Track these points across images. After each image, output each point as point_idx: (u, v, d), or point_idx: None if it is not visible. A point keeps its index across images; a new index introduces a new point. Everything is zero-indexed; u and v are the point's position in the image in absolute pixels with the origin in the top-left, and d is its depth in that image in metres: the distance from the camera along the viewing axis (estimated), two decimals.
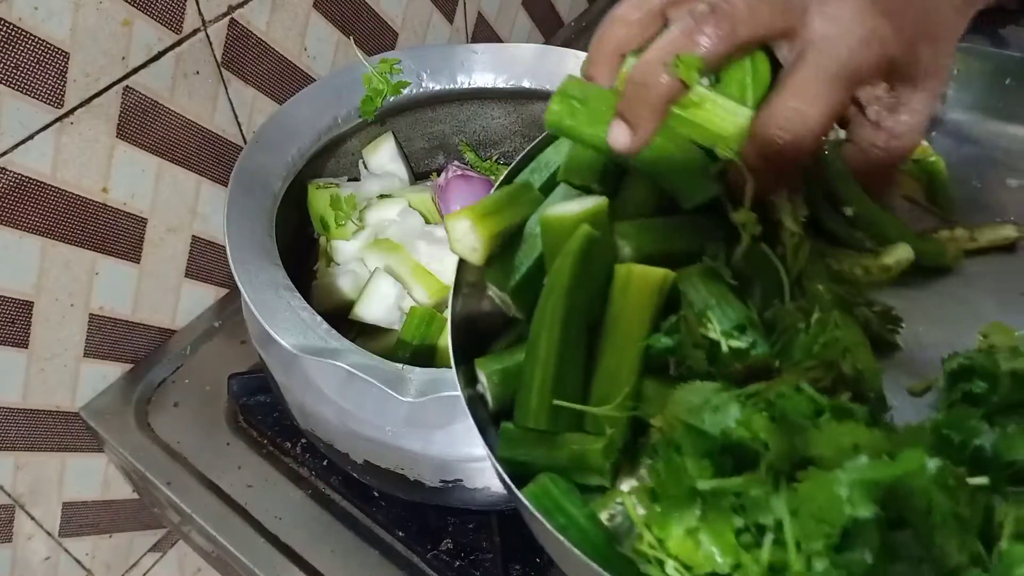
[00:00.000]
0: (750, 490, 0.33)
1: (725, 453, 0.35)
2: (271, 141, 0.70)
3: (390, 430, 0.60)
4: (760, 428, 0.34)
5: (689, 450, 0.35)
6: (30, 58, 0.61)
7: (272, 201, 0.67)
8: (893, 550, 0.32)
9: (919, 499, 0.32)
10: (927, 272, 0.53)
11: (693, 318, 0.42)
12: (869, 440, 0.33)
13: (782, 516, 0.32)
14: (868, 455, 0.32)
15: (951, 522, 0.32)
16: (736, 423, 0.35)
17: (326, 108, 0.74)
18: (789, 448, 0.34)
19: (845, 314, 0.44)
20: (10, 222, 0.65)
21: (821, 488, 0.31)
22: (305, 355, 0.55)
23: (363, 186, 0.78)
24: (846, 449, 0.33)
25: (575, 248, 0.44)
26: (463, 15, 1.04)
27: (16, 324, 0.69)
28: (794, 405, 0.36)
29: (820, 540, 0.31)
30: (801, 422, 0.35)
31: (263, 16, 0.77)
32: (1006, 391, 0.40)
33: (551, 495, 0.40)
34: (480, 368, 0.48)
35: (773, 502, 0.32)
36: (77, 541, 0.84)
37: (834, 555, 0.31)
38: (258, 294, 0.58)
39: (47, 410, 0.75)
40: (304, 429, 0.68)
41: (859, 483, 0.31)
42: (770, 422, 0.34)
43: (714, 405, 0.36)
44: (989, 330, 0.45)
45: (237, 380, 0.77)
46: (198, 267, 0.84)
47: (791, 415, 0.35)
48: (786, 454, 0.34)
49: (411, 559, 0.67)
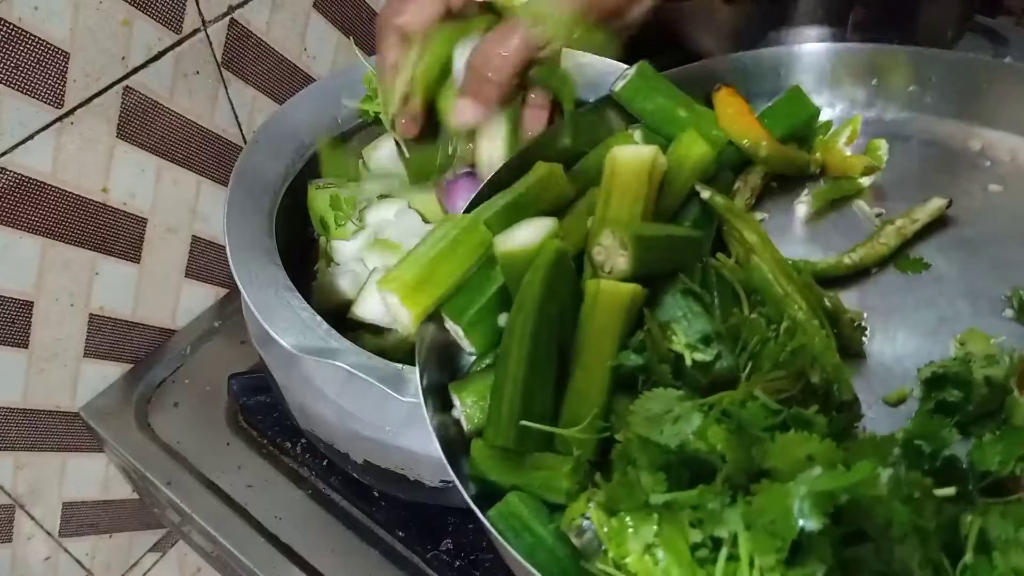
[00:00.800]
0: (706, 503, 0.32)
1: (682, 466, 0.35)
2: (271, 141, 0.70)
3: (390, 430, 0.60)
4: (717, 439, 0.34)
5: (644, 463, 0.35)
6: (30, 58, 0.61)
7: (272, 201, 0.67)
8: (853, 565, 0.32)
9: (878, 512, 0.32)
10: (902, 276, 0.54)
11: (658, 331, 0.42)
12: (823, 451, 0.33)
13: (736, 529, 0.31)
14: (822, 466, 0.31)
15: (912, 536, 0.32)
16: (693, 434, 0.34)
17: (326, 108, 0.74)
18: (746, 460, 0.34)
19: (812, 320, 0.44)
20: (10, 222, 0.65)
21: (774, 500, 0.31)
22: (305, 355, 0.55)
23: (363, 186, 0.78)
24: (800, 461, 0.33)
25: (545, 263, 0.44)
26: None
27: (16, 324, 0.69)
28: (752, 415, 0.35)
29: (772, 554, 0.30)
30: (758, 433, 0.35)
31: (263, 16, 0.77)
32: (981, 399, 0.40)
33: (519, 515, 0.40)
34: (454, 392, 0.47)
35: (728, 515, 0.32)
36: (77, 541, 0.84)
37: (784, 569, 0.31)
38: (258, 294, 0.58)
39: (47, 410, 0.75)
40: (304, 429, 0.68)
41: (811, 495, 0.30)
42: (728, 433, 0.34)
43: (675, 415, 0.35)
44: (966, 337, 0.45)
45: (237, 380, 0.77)
46: (198, 267, 0.84)
47: (748, 426, 0.35)
48: (743, 466, 0.33)
49: (411, 559, 0.67)
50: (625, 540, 0.34)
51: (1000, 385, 0.40)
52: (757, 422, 0.35)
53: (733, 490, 0.33)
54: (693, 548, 0.33)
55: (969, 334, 0.46)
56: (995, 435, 0.37)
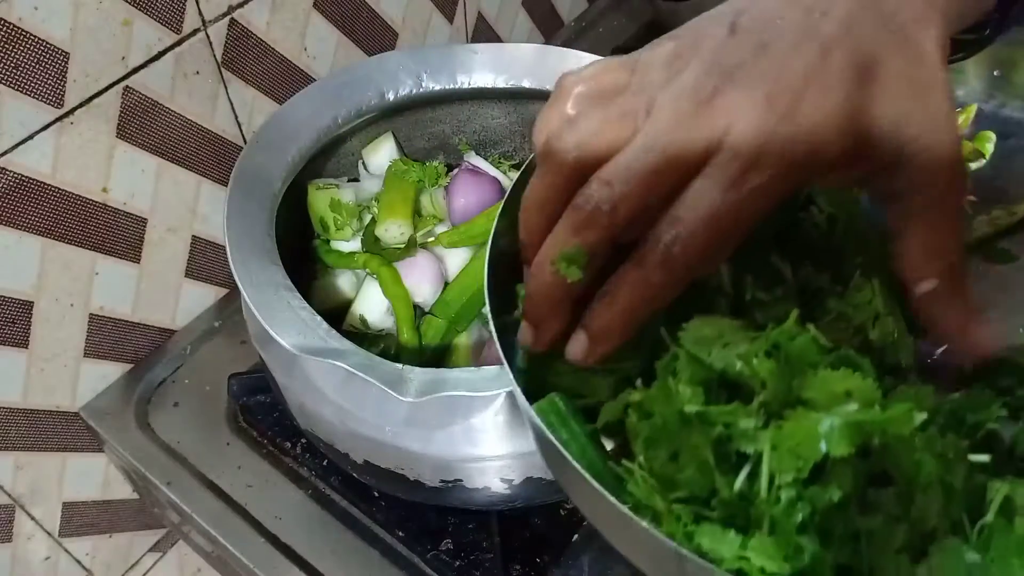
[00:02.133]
0: (738, 421, 0.32)
1: (722, 388, 0.35)
2: (271, 141, 0.70)
3: (390, 430, 0.60)
4: (761, 366, 0.34)
5: (686, 377, 0.35)
6: (30, 58, 0.61)
7: (272, 201, 0.67)
8: (872, 503, 0.32)
9: (907, 458, 0.32)
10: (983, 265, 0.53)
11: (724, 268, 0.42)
12: (863, 389, 0.33)
13: (763, 449, 0.32)
14: (858, 403, 0.32)
15: (936, 487, 0.32)
16: (738, 357, 0.34)
17: (326, 108, 0.74)
18: (786, 390, 0.34)
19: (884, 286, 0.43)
20: (10, 222, 0.65)
21: (803, 426, 0.31)
22: (305, 355, 0.55)
23: (363, 186, 0.78)
24: (838, 395, 0.33)
25: None
26: (463, 15, 1.04)
27: (16, 324, 0.69)
28: (800, 349, 0.35)
29: (792, 472, 0.31)
30: (803, 367, 0.35)
31: (263, 16, 0.77)
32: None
33: (558, 411, 0.39)
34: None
35: (758, 435, 0.32)
36: (77, 541, 0.84)
37: (801, 488, 0.31)
38: (258, 294, 0.58)
39: (47, 410, 0.75)
40: (304, 429, 0.68)
41: (841, 425, 0.31)
42: (772, 362, 0.34)
43: (725, 341, 0.35)
44: None
45: (237, 380, 0.77)
46: (198, 267, 0.84)
47: (795, 359, 0.35)
48: (782, 395, 0.33)
49: (411, 559, 0.67)
50: (654, 444, 0.34)
51: None
52: (805, 356, 0.35)
53: (768, 416, 0.33)
54: (717, 461, 0.33)
55: None
56: None
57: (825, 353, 0.35)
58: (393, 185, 0.76)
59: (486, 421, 0.58)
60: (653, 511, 0.34)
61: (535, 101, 0.80)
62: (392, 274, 0.70)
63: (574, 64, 0.76)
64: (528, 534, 0.69)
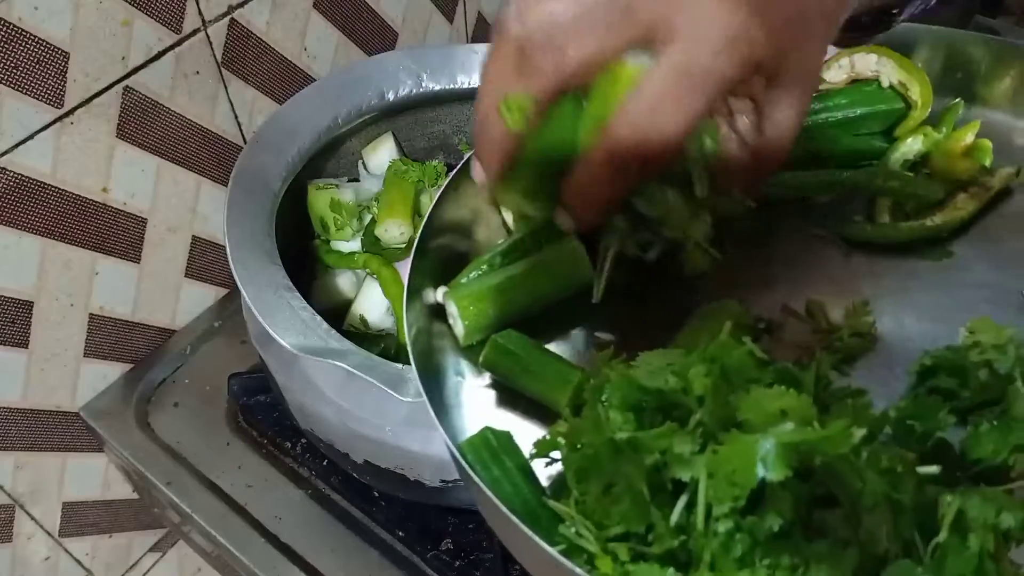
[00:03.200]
0: (673, 445, 0.31)
1: (656, 411, 0.34)
2: (271, 141, 0.70)
3: (390, 430, 0.60)
4: (697, 380, 0.32)
5: (616, 401, 0.34)
6: (30, 58, 0.61)
7: (272, 201, 0.67)
8: (819, 527, 0.31)
9: (850, 478, 0.30)
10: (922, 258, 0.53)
11: None
12: (798, 407, 0.31)
13: (699, 475, 0.30)
14: (795, 422, 0.30)
15: (884, 506, 0.30)
16: (672, 372, 0.33)
17: (326, 108, 0.74)
18: (723, 408, 0.32)
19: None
20: (10, 222, 0.65)
21: (739, 450, 0.30)
22: (305, 355, 0.55)
23: (363, 186, 0.78)
24: (773, 414, 0.31)
25: None
26: (463, 15, 1.04)
27: (16, 324, 0.69)
28: (737, 362, 0.34)
29: (728, 502, 0.29)
30: (741, 382, 0.33)
31: (263, 16, 0.77)
32: (979, 387, 0.38)
33: (490, 448, 0.39)
34: (450, 298, 0.46)
35: (693, 460, 0.31)
36: (77, 541, 0.84)
37: (738, 518, 0.30)
38: (258, 294, 0.58)
39: (47, 410, 0.75)
40: (304, 429, 0.68)
41: (776, 446, 0.29)
42: (708, 377, 0.33)
43: (674, 369, 0.34)
44: (977, 326, 0.43)
45: (237, 380, 0.77)
46: (198, 267, 0.84)
47: (731, 373, 0.33)
48: (719, 414, 0.32)
49: (411, 559, 0.67)
50: (585, 476, 0.33)
51: (1002, 375, 0.38)
52: (743, 371, 0.34)
53: (704, 438, 0.31)
54: (652, 492, 0.31)
55: (980, 322, 0.43)
56: (992, 425, 0.36)
57: (762, 367, 0.34)
58: (393, 185, 0.76)
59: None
60: (587, 553, 0.32)
61: None
62: (392, 274, 0.70)
63: None
64: None
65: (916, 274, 0.52)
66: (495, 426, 0.41)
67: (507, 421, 0.44)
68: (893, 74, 0.59)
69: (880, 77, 0.59)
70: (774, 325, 0.46)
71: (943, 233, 0.53)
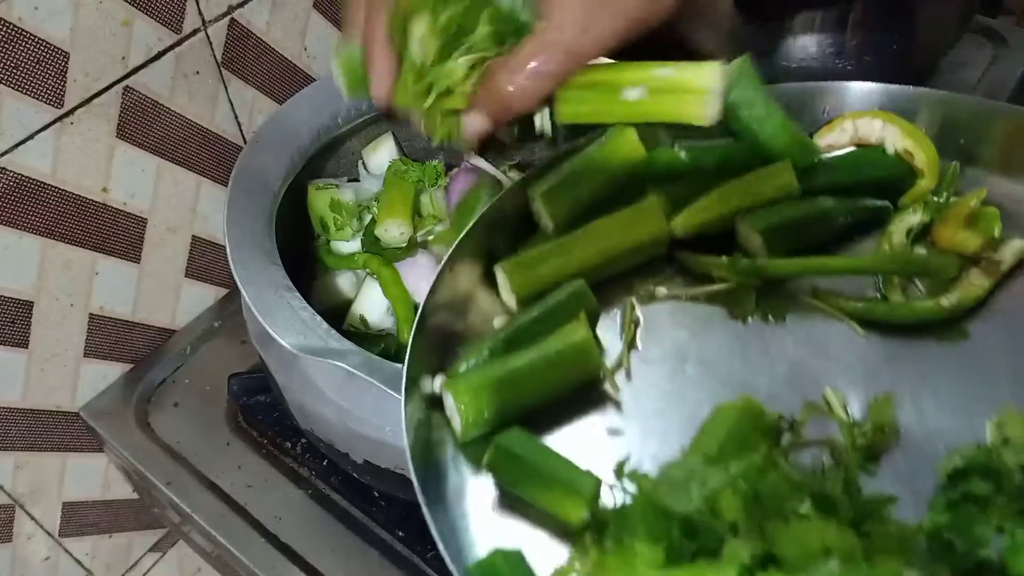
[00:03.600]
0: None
1: (686, 538, 0.32)
2: (271, 141, 0.70)
3: (390, 430, 0.60)
4: (728, 505, 0.31)
5: (643, 531, 0.32)
6: (30, 58, 0.61)
7: (272, 201, 0.67)
8: None
9: None
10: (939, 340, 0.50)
11: None
12: (841, 542, 0.29)
13: None
14: (839, 559, 0.28)
15: None
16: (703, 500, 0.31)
17: (326, 108, 0.74)
18: (758, 537, 0.30)
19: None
20: (10, 222, 0.65)
21: None
22: (305, 355, 0.55)
23: (363, 186, 0.78)
24: (815, 552, 0.29)
25: None
26: None
27: (16, 324, 0.69)
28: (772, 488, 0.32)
29: None
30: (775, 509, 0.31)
31: (263, 16, 0.77)
32: (1015, 490, 0.36)
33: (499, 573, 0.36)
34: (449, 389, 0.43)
35: None
36: (77, 541, 0.84)
37: None
38: (258, 294, 0.58)
39: (47, 410, 0.75)
40: (304, 429, 0.68)
41: None
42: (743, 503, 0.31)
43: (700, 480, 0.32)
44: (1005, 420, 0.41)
45: (237, 380, 0.77)
46: (198, 267, 0.84)
47: (765, 499, 0.32)
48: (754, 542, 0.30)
49: (411, 559, 0.67)
50: None
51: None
52: (776, 496, 0.32)
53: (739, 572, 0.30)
54: None
55: (1007, 416, 0.41)
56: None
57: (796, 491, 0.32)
58: (393, 185, 0.76)
59: None
60: None
61: None
62: (392, 274, 0.70)
63: None
64: None
65: (934, 358, 0.49)
66: (501, 531, 0.39)
67: (514, 528, 0.41)
68: (898, 140, 0.57)
69: (885, 143, 0.57)
70: (796, 424, 0.43)
71: (958, 313, 0.50)
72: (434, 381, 0.45)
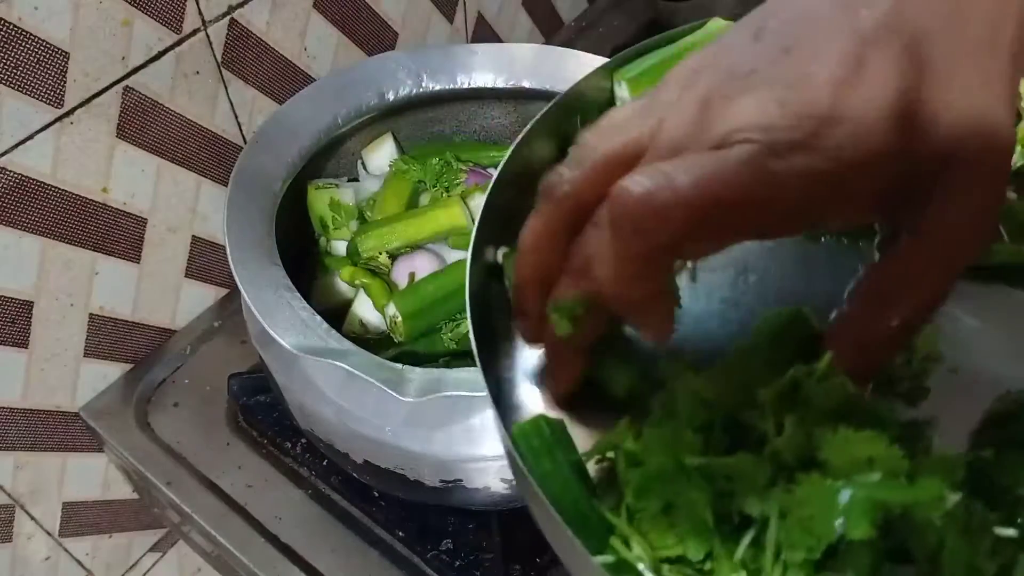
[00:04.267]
0: (744, 474, 0.29)
1: (725, 431, 0.32)
2: (271, 141, 0.70)
3: (390, 430, 0.60)
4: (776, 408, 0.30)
5: (686, 420, 0.32)
6: (30, 58, 0.61)
7: (272, 201, 0.67)
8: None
9: (931, 536, 0.28)
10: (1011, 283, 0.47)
11: None
12: (887, 457, 0.29)
13: (770, 513, 0.28)
14: (882, 473, 0.28)
15: (961, 570, 0.28)
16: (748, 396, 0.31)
17: (326, 108, 0.74)
18: (803, 440, 0.30)
19: None
20: (10, 222, 0.65)
21: (820, 496, 0.28)
22: (305, 355, 0.55)
23: (363, 186, 0.78)
24: (859, 461, 0.29)
25: None
26: (463, 15, 1.04)
27: (16, 324, 0.69)
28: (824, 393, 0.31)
29: (802, 552, 0.28)
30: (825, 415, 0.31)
31: (263, 16, 0.77)
32: None
33: (543, 436, 0.35)
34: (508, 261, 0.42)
35: (766, 495, 0.29)
36: (77, 541, 0.84)
37: (812, 572, 0.28)
38: (258, 294, 0.58)
39: (47, 410, 0.75)
40: (304, 429, 0.68)
41: (862, 501, 0.27)
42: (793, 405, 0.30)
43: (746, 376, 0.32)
44: None
45: (237, 380, 0.77)
46: (198, 267, 0.84)
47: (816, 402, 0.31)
48: (798, 445, 0.30)
49: (411, 559, 0.67)
50: (645, 494, 0.31)
51: None
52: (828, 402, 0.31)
53: (777, 470, 0.29)
54: (717, 520, 0.30)
55: None
56: None
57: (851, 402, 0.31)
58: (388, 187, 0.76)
59: (486, 421, 0.58)
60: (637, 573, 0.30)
61: (535, 101, 0.80)
62: (381, 286, 0.70)
63: (573, 64, 0.76)
64: (528, 534, 0.69)
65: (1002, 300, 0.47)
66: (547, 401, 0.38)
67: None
68: None
69: None
70: None
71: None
72: (498, 252, 0.45)
